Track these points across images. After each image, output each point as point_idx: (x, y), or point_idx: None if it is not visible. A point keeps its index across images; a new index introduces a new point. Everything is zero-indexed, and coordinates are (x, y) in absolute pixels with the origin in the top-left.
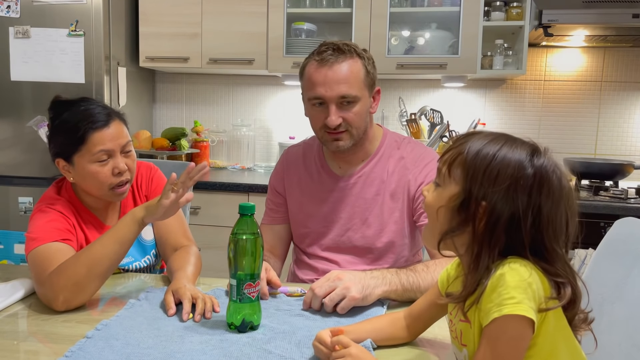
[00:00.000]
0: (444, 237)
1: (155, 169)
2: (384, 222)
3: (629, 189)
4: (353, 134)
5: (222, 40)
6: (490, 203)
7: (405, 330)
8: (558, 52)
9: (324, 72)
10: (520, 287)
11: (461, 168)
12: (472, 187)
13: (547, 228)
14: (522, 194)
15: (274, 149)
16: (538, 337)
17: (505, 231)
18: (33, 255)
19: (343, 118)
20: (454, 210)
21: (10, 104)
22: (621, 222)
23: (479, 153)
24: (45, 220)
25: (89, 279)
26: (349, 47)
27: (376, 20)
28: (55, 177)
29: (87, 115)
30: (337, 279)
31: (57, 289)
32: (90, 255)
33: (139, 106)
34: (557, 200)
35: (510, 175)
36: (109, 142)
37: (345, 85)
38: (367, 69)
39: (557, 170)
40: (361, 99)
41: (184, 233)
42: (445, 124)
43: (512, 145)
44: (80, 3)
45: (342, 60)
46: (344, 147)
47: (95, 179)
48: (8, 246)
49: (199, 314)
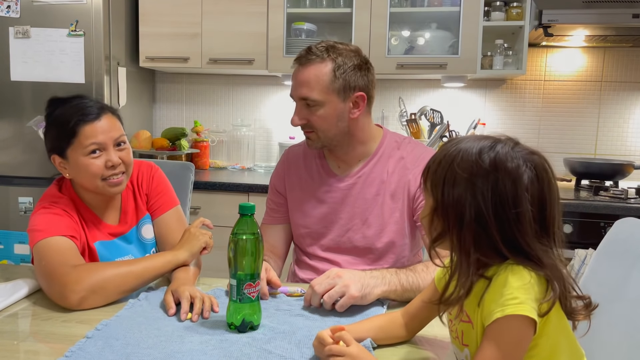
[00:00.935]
0: (430, 248)
1: (156, 168)
2: (384, 222)
3: (629, 189)
4: (320, 136)
5: (222, 40)
6: (457, 207)
7: (403, 328)
8: (558, 52)
9: (294, 73)
10: (523, 288)
11: (429, 180)
12: (438, 195)
13: (514, 219)
14: (483, 188)
15: (274, 149)
16: (540, 338)
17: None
18: (42, 246)
19: (307, 120)
20: (433, 221)
21: (10, 104)
22: (621, 222)
23: (441, 162)
24: (49, 216)
25: (118, 289)
26: (323, 50)
27: (376, 20)
28: (54, 176)
29: (79, 109)
30: (336, 277)
31: (82, 284)
32: (131, 270)
33: (139, 106)
34: (518, 187)
35: (468, 174)
36: (100, 134)
37: (306, 88)
38: (336, 74)
39: (516, 158)
40: (326, 103)
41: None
42: (445, 124)
43: (473, 143)
44: (80, 3)
45: (309, 64)
46: (313, 146)
47: (88, 171)
48: (8, 246)
49: (196, 313)
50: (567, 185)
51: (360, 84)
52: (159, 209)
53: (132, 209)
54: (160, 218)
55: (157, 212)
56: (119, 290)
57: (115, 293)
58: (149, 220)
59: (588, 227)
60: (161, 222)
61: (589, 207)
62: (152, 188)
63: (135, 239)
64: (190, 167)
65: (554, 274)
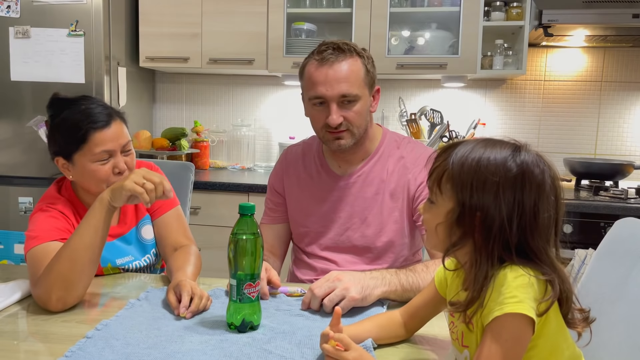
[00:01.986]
0: (447, 253)
1: (156, 169)
2: (384, 221)
3: (629, 189)
4: (354, 132)
5: (222, 40)
6: (483, 211)
7: (403, 328)
8: (558, 52)
9: (325, 71)
10: (522, 287)
11: (450, 183)
12: (464, 199)
13: (531, 225)
14: (509, 194)
15: (274, 149)
16: (539, 339)
17: (499, 236)
18: (31, 254)
19: (344, 117)
20: (452, 226)
21: (10, 104)
22: (621, 222)
23: (464, 164)
24: (45, 219)
25: (74, 272)
26: (349, 46)
27: (376, 20)
28: (53, 176)
29: (88, 115)
30: (336, 280)
31: (48, 288)
32: (70, 248)
33: (139, 106)
34: (540, 194)
35: (498, 179)
36: (110, 142)
37: (346, 84)
38: (367, 68)
39: (540, 164)
40: (362, 98)
41: (184, 233)
42: (445, 124)
43: (493, 148)
44: (80, 3)
45: (342, 59)
46: (346, 145)
47: (95, 177)
48: (8, 246)
49: (191, 312)
50: (567, 185)
51: (376, 78)
52: (159, 209)
53: (132, 210)
54: (160, 219)
55: (157, 213)
56: (78, 271)
57: (77, 277)
58: (149, 220)
59: (588, 227)
60: (161, 222)
61: (589, 207)
62: None
63: (134, 239)
64: (190, 167)
65: (560, 277)
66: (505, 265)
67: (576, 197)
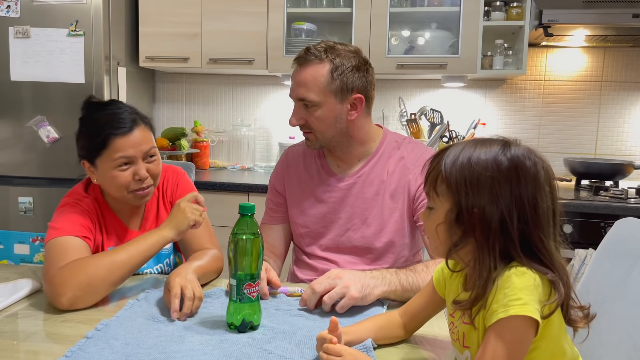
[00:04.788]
0: (449, 254)
1: (182, 174)
2: (384, 222)
3: (629, 189)
4: (317, 137)
5: (222, 40)
6: (480, 208)
7: (402, 328)
8: (558, 52)
9: (293, 73)
10: (527, 289)
11: (445, 184)
12: (460, 198)
13: (533, 217)
14: (505, 189)
15: (274, 149)
16: (541, 340)
17: (500, 231)
18: (50, 245)
19: (305, 120)
20: (452, 226)
21: (10, 104)
22: (621, 222)
23: (456, 164)
24: (71, 213)
25: (105, 283)
26: (322, 51)
27: (376, 20)
28: (54, 177)
29: (112, 120)
30: (337, 278)
31: (68, 285)
32: (113, 259)
33: (139, 106)
34: (537, 186)
35: (490, 174)
36: (130, 148)
37: (303, 89)
38: (334, 75)
39: (531, 156)
40: (323, 105)
41: (210, 238)
42: (445, 124)
43: (483, 146)
44: (80, 3)
45: (307, 64)
46: (311, 146)
47: (115, 183)
48: (8, 246)
49: (184, 314)
50: (567, 185)
51: (358, 85)
52: None
53: (153, 217)
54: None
55: None
56: (107, 283)
57: (103, 287)
58: None
59: (588, 227)
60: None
61: (589, 207)
62: (176, 196)
63: None
64: (190, 167)
65: (562, 276)
66: (510, 266)
67: (576, 197)
